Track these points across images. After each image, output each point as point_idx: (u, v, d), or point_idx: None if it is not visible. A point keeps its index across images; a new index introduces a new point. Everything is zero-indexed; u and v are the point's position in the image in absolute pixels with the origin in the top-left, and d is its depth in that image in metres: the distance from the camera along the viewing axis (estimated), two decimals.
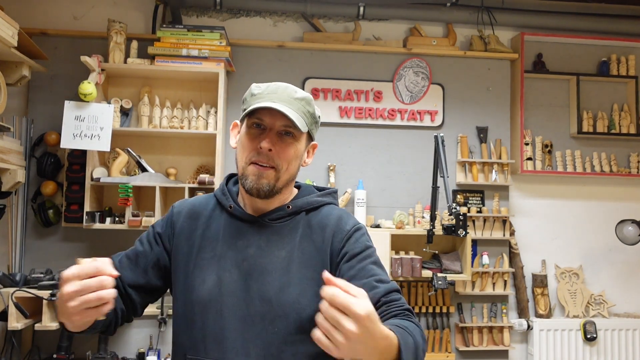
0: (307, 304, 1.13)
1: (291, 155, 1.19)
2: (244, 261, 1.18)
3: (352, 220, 1.25)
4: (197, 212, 1.27)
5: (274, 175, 1.17)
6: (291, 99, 1.18)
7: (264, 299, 1.14)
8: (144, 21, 3.20)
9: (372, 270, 1.17)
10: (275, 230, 1.21)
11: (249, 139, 1.19)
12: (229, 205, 1.25)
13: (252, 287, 1.15)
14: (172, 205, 1.32)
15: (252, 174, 1.17)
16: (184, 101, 3.07)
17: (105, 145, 2.76)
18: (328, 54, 3.27)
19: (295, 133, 1.19)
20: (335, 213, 1.25)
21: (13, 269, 2.91)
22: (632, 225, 3.26)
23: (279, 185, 1.19)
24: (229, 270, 1.17)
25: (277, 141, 1.17)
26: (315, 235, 1.21)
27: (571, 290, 3.40)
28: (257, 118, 1.17)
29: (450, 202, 2.71)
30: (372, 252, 1.21)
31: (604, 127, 3.45)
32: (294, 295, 1.14)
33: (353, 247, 1.19)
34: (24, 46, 2.65)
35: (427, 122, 3.32)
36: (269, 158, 1.16)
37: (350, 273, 1.15)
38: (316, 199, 1.27)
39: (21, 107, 3.04)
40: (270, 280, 1.15)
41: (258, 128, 1.18)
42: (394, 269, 2.97)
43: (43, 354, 2.84)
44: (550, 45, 3.47)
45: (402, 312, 1.11)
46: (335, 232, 1.20)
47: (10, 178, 2.68)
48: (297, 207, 1.24)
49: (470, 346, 3.23)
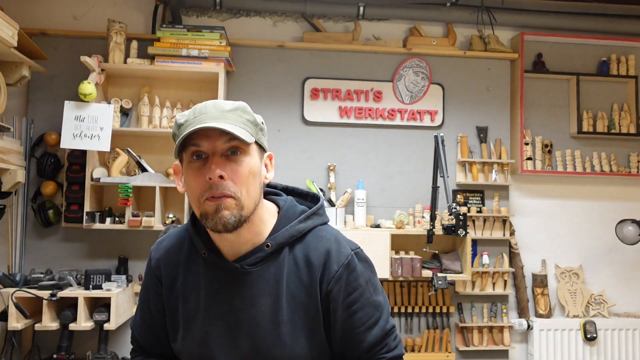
0: (302, 354, 1.08)
1: (246, 175, 1.03)
2: (229, 313, 1.09)
3: (342, 252, 1.10)
4: (174, 261, 1.16)
5: (235, 203, 1.01)
6: (223, 112, 1.02)
7: (257, 354, 1.08)
8: (144, 21, 3.20)
9: (361, 319, 1.09)
10: (258, 276, 1.08)
11: (193, 174, 1.02)
12: (203, 252, 1.11)
13: (244, 343, 1.08)
14: (150, 252, 1.21)
15: (211, 211, 1.01)
16: (184, 101, 3.07)
17: (105, 146, 2.76)
18: (328, 54, 3.27)
19: (243, 148, 1.03)
20: (323, 246, 1.10)
21: (13, 269, 2.91)
22: (632, 225, 3.26)
23: (245, 214, 1.03)
24: (215, 324, 1.10)
25: (226, 165, 1.01)
26: (303, 273, 1.09)
27: (571, 290, 3.40)
28: (194, 145, 1.01)
29: (450, 202, 2.71)
30: (362, 293, 1.10)
31: (604, 127, 3.45)
32: (288, 346, 1.07)
33: (339, 294, 1.08)
34: (24, 46, 2.65)
35: (427, 122, 3.32)
36: (223, 187, 1.00)
37: (339, 324, 1.10)
38: (298, 226, 1.11)
39: (21, 107, 3.04)
40: (260, 334, 1.07)
41: (199, 159, 1.02)
42: (394, 269, 2.97)
43: (43, 354, 2.83)
44: (550, 45, 3.47)
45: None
46: (323, 273, 1.08)
47: (10, 178, 2.68)
48: (277, 243, 1.09)
49: (470, 346, 3.23)
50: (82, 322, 2.56)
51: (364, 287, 1.11)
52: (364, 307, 1.10)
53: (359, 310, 1.10)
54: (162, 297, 1.17)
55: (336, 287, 1.08)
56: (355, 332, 1.09)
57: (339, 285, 1.08)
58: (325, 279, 1.08)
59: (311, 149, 3.23)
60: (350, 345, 1.10)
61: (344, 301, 1.09)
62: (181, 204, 2.93)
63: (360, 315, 1.10)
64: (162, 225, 2.85)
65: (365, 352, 1.11)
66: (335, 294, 1.08)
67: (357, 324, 1.09)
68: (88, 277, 2.62)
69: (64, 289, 2.61)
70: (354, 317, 1.09)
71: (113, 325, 2.57)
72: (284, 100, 3.22)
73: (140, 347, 1.25)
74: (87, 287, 2.61)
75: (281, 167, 3.17)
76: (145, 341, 1.23)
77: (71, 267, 2.94)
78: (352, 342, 1.10)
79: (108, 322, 2.58)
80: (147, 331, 1.22)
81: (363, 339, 1.10)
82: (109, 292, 2.59)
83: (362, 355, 1.11)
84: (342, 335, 1.10)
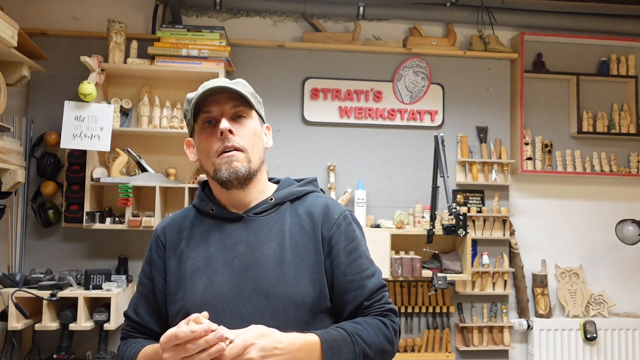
0: (304, 293, 1.13)
1: (251, 134, 1.19)
2: (234, 259, 1.16)
3: (339, 207, 1.25)
4: (179, 225, 1.26)
5: (244, 156, 1.17)
6: (228, 83, 1.19)
7: (260, 293, 1.12)
8: (144, 21, 3.20)
9: (360, 266, 1.19)
10: (262, 224, 1.19)
11: (206, 137, 1.18)
12: (210, 209, 1.23)
13: (247, 284, 1.13)
14: (155, 228, 1.31)
15: (224, 163, 1.15)
16: (184, 101, 3.06)
17: (105, 146, 2.76)
18: (328, 54, 3.27)
19: (246, 112, 1.20)
20: (321, 201, 1.25)
21: (13, 269, 2.91)
22: (632, 225, 3.26)
23: (254, 167, 1.18)
24: (219, 271, 1.15)
25: (233, 124, 1.17)
26: (304, 223, 1.20)
27: (571, 290, 3.40)
28: (205, 112, 1.18)
29: (450, 202, 2.71)
30: (359, 244, 1.22)
31: (604, 126, 3.45)
32: (291, 285, 1.13)
33: (341, 239, 1.19)
34: (24, 46, 2.65)
35: (427, 122, 3.32)
36: (233, 141, 1.16)
37: (340, 269, 1.18)
38: (298, 188, 1.27)
39: (21, 107, 3.04)
40: (265, 273, 1.13)
41: (210, 125, 1.18)
42: (394, 269, 2.97)
43: (43, 354, 2.83)
44: (550, 45, 3.47)
45: (381, 313, 1.18)
46: (324, 220, 1.20)
47: (10, 178, 2.68)
48: (280, 198, 1.23)
49: (470, 346, 3.23)
50: (82, 322, 2.56)
51: (360, 240, 1.23)
52: (362, 257, 1.21)
53: (359, 258, 1.20)
54: (164, 261, 1.23)
55: (337, 233, 1.19)
56: (357, 277, 1.18)
57: (339, 231, 1.20)
58: (326, 225, 1.19)
59: (311, 149, 3.23)
60: (351, 290, 1.17)
61: (345, 248, 1.19)
62: (181, 204, 2.93)
63: (360, 262, 1.19)
64: None
65: (366, 298, 1.17)
66: (336, 239, 1.19)
67: (358, 269, 1.18)
68: (88, 277, 2.62)
69: (64, 289, 2.61)
70: (355, 264, 1.19)
71: (113, 325, 2.57)
72: (284, 100, 3.22)
73: (132, 329, 1.26)
74: (87, 287, 2.61)
75: (281, 167, 3.17)
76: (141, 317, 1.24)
77: (71, 267, 2.94)
78: (353, 287, 1.17)
79: (108, 322, 2.58)
80: (144, 307, 1.24)
81: (364, 284, 1.17)
82: (109, 292, 2.59)
83: (362, 302, 1.17)
84: (344, 279, 1.17)
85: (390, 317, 1.19)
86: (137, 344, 1.20)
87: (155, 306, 1.23)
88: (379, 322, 1.16)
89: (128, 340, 1.24)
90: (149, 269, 1.26)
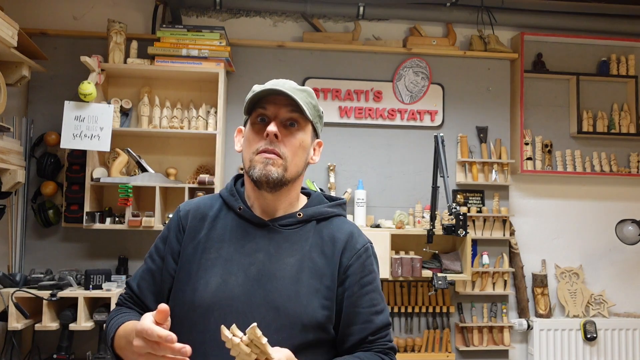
0: (313, 316, 1.12)
1: (296, 145, 1.17)
2: (251, 266, 1.14)
3: (363, 238, 1.23)
4: (203, 213, 1.23)
5: (282, 163, 1.15)
6: (294, 89, 1.17)
7: (270, 306, 1.11)
8: (144, 21, 3.20)
9: (372, 300, 1.19)
10: (286, 237, 1.18)
11: (254, 132, 1.17)
12: (238, 207, 1.21)
13: (259, 294, 1.12)
14: (178, 207, 1.28)
15: (260, 162, 1.14)
16: (184, 101, 3.07)
17: (105, 146, 2.76)
18: (328, 54, 3.27)
19: (300, 122, 1.18)
20: (347, 228, 1.24)
21: (13, 269, 2.91)
22: (632, 225, 3.26)
23: (288, 177, 1.16)
24: (234, 273, 1.14)
25: (282, 130, 1.16)
26: (326, 247, 1.19)
27: (571, 290, 3.40)
28: (262, 108, 1.17)
29: (450, 202, 2.71)
30: (375, 278, 1.22)
31: (603, 126, 3.45)
32: (303, 305, 1.12)
33: (359, 270, 1.18)
34: (24, 46, 2.65)
35: (427, 122, 3.32)
36: (275, 145, 1.14)
37: (352, 299, 1.17)
38: (327, 209, 1.25)
39: (21, 107, 3.04)
40: (279, 288, 1.12)
41: (262, 122, 1.17)
42: (394, 269, 2.97)
43: (43, 354, 2.83)
44: (550, 45, 3.47)
45: (382, 350, 1.18)
46: (346, 248, 1.19)
47: (10, 178, 2.68)
48: (308, 215, 1.22)
49: (471, 346, 3.23)
50: (82, 322, 2.56)
51: (376, 275, 1.22)
52: (375, 291, 1.20)
53: (371, 292, 1.19)
54: (180, 245, 1.21)
55: (356, 264, 1.18)
56: (366, 311, 1.17)
57: (359, 262, 1.19)
58: (347, 254, 1.19)
59: None
60: (358, 323, 1.17)
61: (360, 280, 1.18)
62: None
63: (371, 297, 1.19)
64: (162, 225, 2.85)
65: (371, 333, 1.17)
66: (354, 270, 1.18)
67: (369, 303, 1.18)
68: (88, 277, 2.62)
69: (64, 289, 2.61)
70: (367, 297, 1.18)
71: None
72: None
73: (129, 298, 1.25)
74: (87, 287, 2.61)
75: None
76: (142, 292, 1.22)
77: (71, 267, 2.94)
78: (360, 320, 1.17)
79: None
80: (147, 282, 1.22)
81: (372, 319, 1.17)
82: (109, 292, 2.59)
83: (367, 336, 1.17)
84: (353, 310, 1.17)
85: (390, 355, 1.19)
86: (125, 316, 1.18)
87: (159, 284, 1.21)
88: (379, 359, 1.16)
89: (121, 308, 1.23)
90: (163, 248, 1.24)
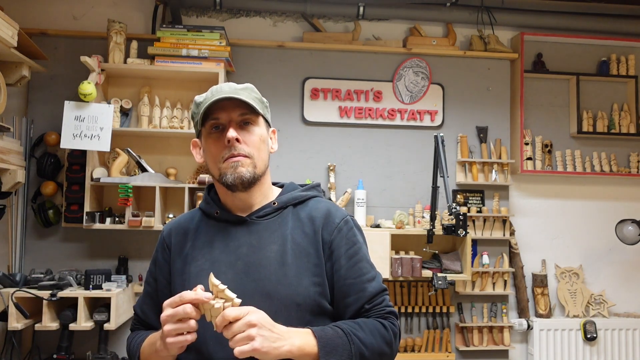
0: (305, 294, 1.16)
1: (257, 141, 1.22)
2: (237, 261, 1.19)
3: (340, 212, 1.27)
4: (185, 228, 1.29)
5: (250, 162, 1.20)
6: (236, 90, 1.21)
7: (262, 294, 1.14)
8: (144, 21, 3.20)
9: (361, 270, 1.21)
10: (265, 226, 1.23)
11: (213, 142, 1.21)
12: (215, 212, 1.26)
13: (249, 285, 1.16)
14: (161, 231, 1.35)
15: (229, 168, 1.18)
16: (184, 101, 3.07)
17: (105, 146, 2.76)
18: (328, 54, 3.27)
19: (253, 119, 1.22)
20: (323, 206, 1.27)
21: (13, 269, 2.91)
22: (632, 225, 3.26)
23: (258, 172, 1.21)
24: (223, 272, 1.18)
25: (239, 132, 1.20)
26: (306, 227, 1.23)
27: (571, 290, 3.40)
28: (214, 119, 1.20)
29: (450, 202, 2.71)
30: (360, 248, 1.24)
31: (603, 126, 3.45)
32: (292, 286, 1.15)
33: (342, 243, 1.22)
34: (24, 46, 2.65)
35: (427, 122, 3.32)
36: (239, 149, 1.19)
37: (341, 272, 1.20)
38: (301, 193, 1.30)
39: (21, 107, 3.04)
40: (267, 275, 1.16)
41: (217, 130, 1.21)
42: (394, 269, 2.97)
43: (43, 354, 2.83)
44: (550, 45, 3.47)
45: (381, 315, 1.19)
46: (325, 224, 1.23)
47: (10, 178, 2.68)
48: (282, 202, 1.26)
49: (471, 346, 3.23)
50: (82, 322, 2.56)
51: (361, 244, 1.26)
52: (362, 260, 1.23)
53: (359, 262, 1.22)
54: (169, 264, 1.27)
55: (338, 237, 1.22)
56: (357, 280, 1.20)
57: (341, 235, 1.22)
58: (327, 230, 1.22)
59: (311, 149, 3.23)
60: (352, 294, 1.20)
61: (346, 252, 1.22)
62: (181, 203, 2.93)
63: (360, 266, 1.22)
64: (161, 225, 2.85)
65: (366, 302, 1.19)
66: (337, 244, 1.21)
67: (359, 273, 1.21)
68: (88, 277, 2.62)
69: (64, 289, 2.61)
70: (355, 267, 1.21)
71: (113, 325, 2.57)
72: (284, 100, 3.22)
73: (139, 323, 1.34)
74: (87, 287, 2.61)
75: (281, 167, 3.17)
76: (146, 315, 1.31)
77: (71, 267, 2.94)
78: (354, 290, 1.20)
79: (108, 322, 2.58)
80: (149, 305, 1.31)
81: (364, 288, 1.20)
82: (109, 292, 2.59)
83: (363, 305, 1.19)
84: (344, 282, 1.20)
85: (390, 319, 1.20)
86: (143, 335, 1.27)
87: (158, 305, 1.24)
88: (378, 323, 1.17)
89: (137, 332, 1.32)
90: (154, 270, 1.31)
